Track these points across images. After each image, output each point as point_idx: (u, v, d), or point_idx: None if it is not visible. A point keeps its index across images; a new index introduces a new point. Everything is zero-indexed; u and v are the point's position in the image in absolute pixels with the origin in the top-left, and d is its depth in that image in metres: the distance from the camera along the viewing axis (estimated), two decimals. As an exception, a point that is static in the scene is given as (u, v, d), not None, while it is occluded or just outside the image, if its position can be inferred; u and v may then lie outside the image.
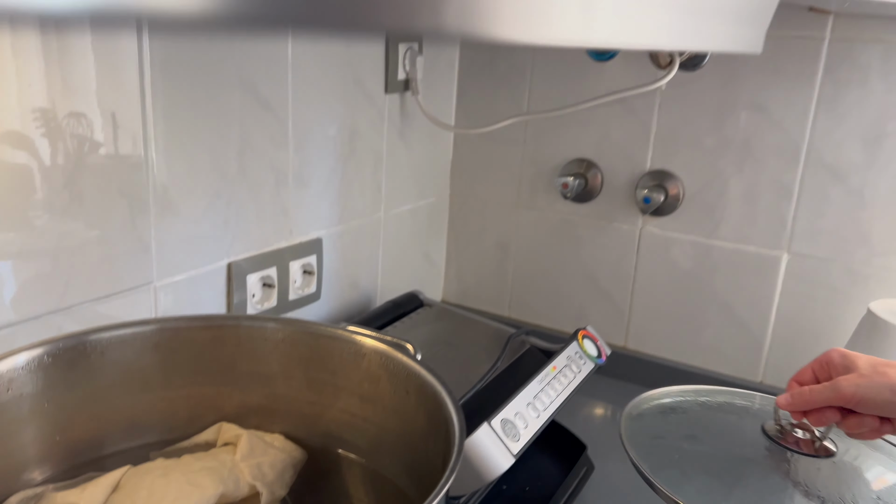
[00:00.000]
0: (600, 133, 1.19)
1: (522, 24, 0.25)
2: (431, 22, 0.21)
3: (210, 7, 0.15)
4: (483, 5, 0.22)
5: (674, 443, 0.68)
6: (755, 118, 1.07)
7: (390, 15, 0.19)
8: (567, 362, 0.90)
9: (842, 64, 1.00)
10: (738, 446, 0.67)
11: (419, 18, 0.20)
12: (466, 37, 0.23)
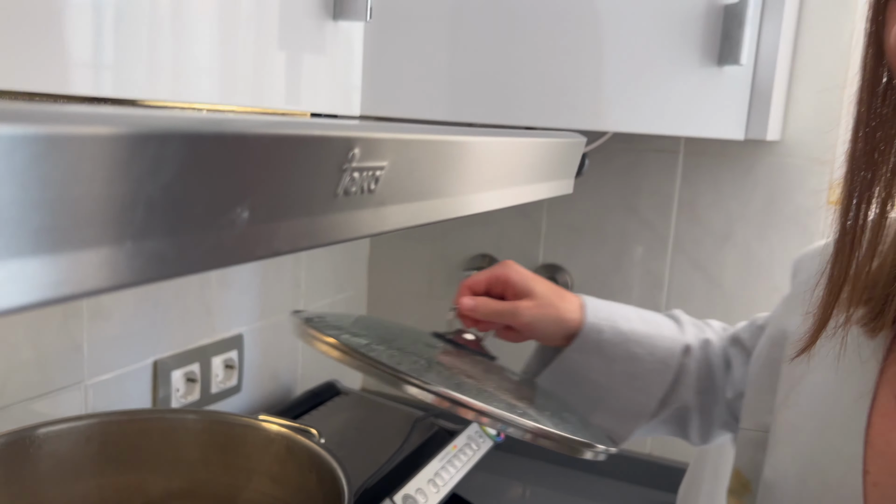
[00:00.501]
0: (498, 231, 1.33)
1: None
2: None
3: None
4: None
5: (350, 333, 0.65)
6: (629, 218, 1.24)
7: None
8: (468, 441, 1.01)
9: (695, 173, 1.18)
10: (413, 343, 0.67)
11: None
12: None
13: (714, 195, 1.17)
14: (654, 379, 0.69)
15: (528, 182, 0.48)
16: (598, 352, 0.68)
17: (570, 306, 0.68)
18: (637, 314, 0.71)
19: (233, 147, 0.22)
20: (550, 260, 1.30)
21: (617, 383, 0.69)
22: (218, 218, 0.23)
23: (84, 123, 0.18)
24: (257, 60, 0.54)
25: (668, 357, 0.69)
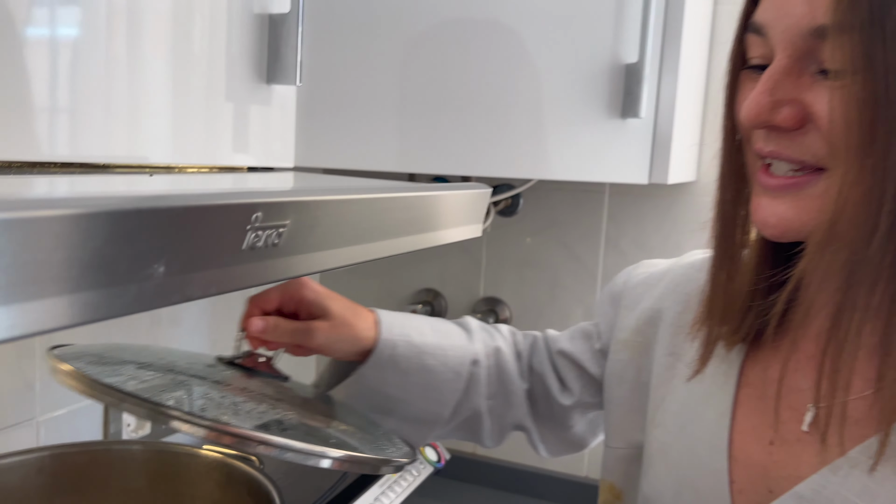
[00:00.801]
0: (442, 267, 1.40)
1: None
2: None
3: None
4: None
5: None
6: (561, 253, 1.32)
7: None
8: (408, 467, 1.06)
9: (620, 211, 1.27)
10: (191, 371, 0.63)
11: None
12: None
13: (637, 232, 1.26)
14: (447, 388, 0.70)
15: (431, 229, 0.55)
16: (392, 366, 0.68)
17: (364, 324, 0.68)
18: (430, 326, 0.72)
19: (149, 218, 0.29)
20: (490, 293, 1.37)
21: (412, 395, 0.70)
22: (139, 272, 0.29)
23: (31, 209, 0.25)
24: (202, 123, 0.61)
25: (459, 366, 0.71)
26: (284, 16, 0.65)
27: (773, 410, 0.52)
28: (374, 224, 0.47)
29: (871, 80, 0.41)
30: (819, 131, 0.44)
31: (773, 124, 0.46)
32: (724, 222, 0.54)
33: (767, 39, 0.47)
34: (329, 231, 0.41)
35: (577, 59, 0.84)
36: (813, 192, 0.46)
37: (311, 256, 0.41)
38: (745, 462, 0.53)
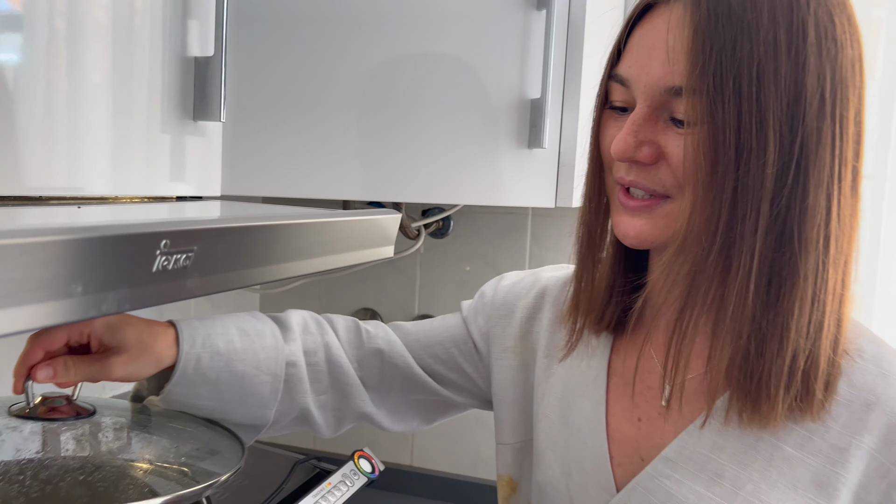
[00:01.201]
0: (378, 286, 1.47)
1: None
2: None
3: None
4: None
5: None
6: (490, 271, 1.39)
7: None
8: (342, 479, 1.11)
9: (542, 231, 1.36)
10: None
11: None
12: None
13: (557, 251, 1.35)
14: (264, 391, 0.69)
15: (339, 252, 0.62)
16: (201, 379, 0.66)
17: (164, 343, 0.65)
18: (238, 329, 0.70)
19: (70, 246, 0.35)
20: (425, 311, 1.44)
21: (229, 402, 0.69)
22: (60, 290, 0.36)
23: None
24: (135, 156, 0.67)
25: (274, 368, 0.70)
26: (209, 58, 0.71)
27: (636, 392, 0.63)
28: (281, 247, 0.53)
29: (713, 130, 0.52)
30: (670, 167, 0.55)
31: (635, 160, 0.56)
32: (589, 232, 0.65)
33: (629, 89, 0.57)
34: (235, 254, 0.48)
35: (488, 95, 0.92)
36: (660, 213, 0.57)
37: (219, 277, 0.47)
38: (620, 439, 0.63)
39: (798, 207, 0.52)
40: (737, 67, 0.51)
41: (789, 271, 0.53)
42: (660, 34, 0.55)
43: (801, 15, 0.52)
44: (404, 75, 0.91)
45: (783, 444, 0.56)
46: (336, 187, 0.92)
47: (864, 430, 0.56)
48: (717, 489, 0.57)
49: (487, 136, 0.93)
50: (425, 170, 0.93)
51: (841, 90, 0.53)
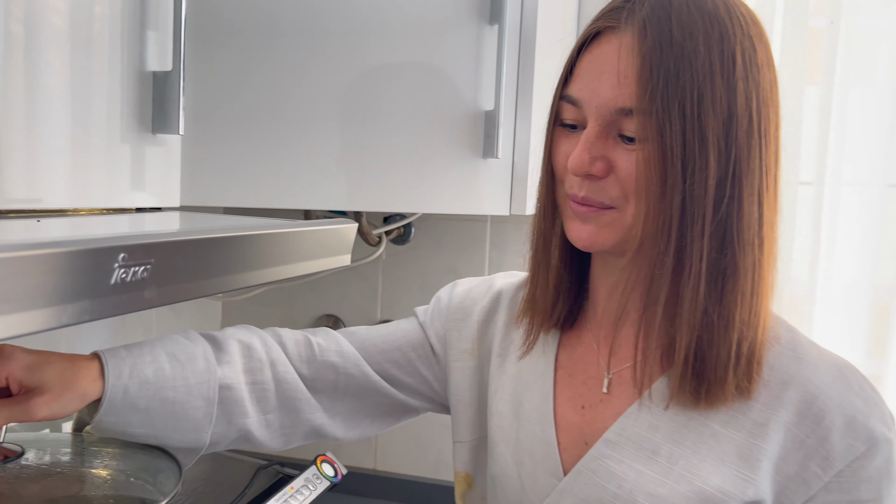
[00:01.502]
0: (340, 293, 1.48)
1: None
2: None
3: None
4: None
5: None
6: (450, 277, 1.42)
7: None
8: (304, 483, 1.13)
9: (501, 238, 1.39)
10: None
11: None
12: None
13: (516, 255, 1.38)
14: (197, 416, 0.69)
15: (297, 261, 0.64)
16: (131, 409, 0.66)
17: (88, 379, 0.64)
18: (168, 355, 0.69)
19: (30, 262, 0.37)
20: (387, 316, 1.46)
21: (162, 429, 0.68)
22: (21, 304, 0.37)
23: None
24: (94, 169, 0.69)
25: (208, 392, 0.69)
26: (167, 73, 0.73)
27: (580, 382, 0.69)
28: (237, 258, 0.55)
29: (661, 147, 0.58)
30: (618, 180, 0.61)
31: (589, 174, 0.61)
32: (543, 238, 0.70)
33: (581, 109, 0.62)
34: (192, 265, 0.50)
35: (445, 107, 0.95)
36: (605, 220, 0.62)
37: (177, 288, 0.49)
38: (566, 426, 0.68)
39: (736, 213, 0.59)
40: (680, 91, 0.57)
41: (732, 269, 0.59)
42: (609, 60, 0.60)
43: (731, 44, 0.58)
44: (362, 88, 0.93)
45: (711, 422, 0.62)
46: (296, 197, 0.94)
47: (781, 406, 0.61)
48: (654, 465, 0.62)
49: (444, 147, 0.95)
50: (384, 179, 0.95)
51: (763, 109, 0.60)
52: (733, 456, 0.61)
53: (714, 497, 0.60)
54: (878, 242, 1.21)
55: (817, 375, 0.62)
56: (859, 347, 1.23)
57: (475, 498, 0.77)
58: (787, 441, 0.61)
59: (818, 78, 1.22)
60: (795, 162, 1.22)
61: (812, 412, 0.61)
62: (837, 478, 0.60)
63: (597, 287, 0.70)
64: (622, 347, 0.67)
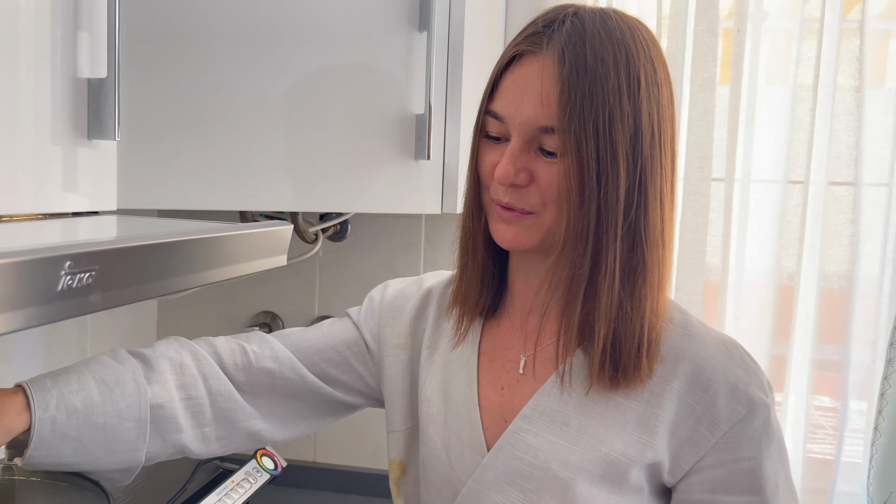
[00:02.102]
0: (277, 290, 1.51)
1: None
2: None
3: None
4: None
5: None
6: (387, 273, 1.46)
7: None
8: (245, 476, 1.16)
9: (435, 234, 1.44)
10: None
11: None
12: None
13: (450, 252, 1.43)
14: (130, 437, 0.70)
15: (235, 263, 0.67)
16: (62, 440, 0.66)
17: (12, 413, 0.64)
18: (97, 380, 0.69)
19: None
20: (325, 312, 1.49)
21: (95, 455, 0.69)
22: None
23: None
24: (29, 175, 0.70)
25: (138, 413, 0.71)
26: (102, 80, 0.74)
27: (499, 366, 0.76)
28: (178, 262, 0.58)
29: (579, 161, 0.65)
30: (538, 189, 0.67)
31: (513, 183, 0.68)
32: (471, 236, 0.76)
33: (505, 124, 0.69)
34: (135, 270, 0.52)
35: (377, 111, 0.99)
36: (526, 224, 0.69)
37: (121, 291, 0.52)
38: (488, 406, 0.75)
39: (643, 217, 0.67)
40: (594, 111, 0.64)
41: (642, 266, 0.67)
42: (532, 82, 0.66)
43: (636, 67, 0.66)
44: (298, 92, 0.96)
45: (614, 394, 0.70)
46: (232, 198, 0.97)
47: (674, 378, 0.69)
48: (565, 436, 0.70)
49: (378, 149, 0.99)
50: (320, 180, 0.99)
51: (662, 123, 0.67)
52: (634, 424, 0.69)
53: (618, 461, 0.68)
54: (781, 233, 1.30)
55: (705, 350, 0.70)
56: (766, 329, 1.32)
57: (408, 483, 0.82)
58: (680, 408, 0.69)
59: (728, 78, 1.30)
60: (708, 161, 1.30)
61: (700, 382, 0.69)
62: (723, 439, 0.68)
63: (515, 280, 0.77)
64: (536, 333, 0.74)
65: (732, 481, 0.69)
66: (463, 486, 0.73)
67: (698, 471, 0.69)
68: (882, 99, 1.27)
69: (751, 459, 0.68)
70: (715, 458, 0.69)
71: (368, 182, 1.00)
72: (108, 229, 0.69)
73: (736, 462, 0.68)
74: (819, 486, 1.35)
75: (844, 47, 1.26)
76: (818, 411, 1.37)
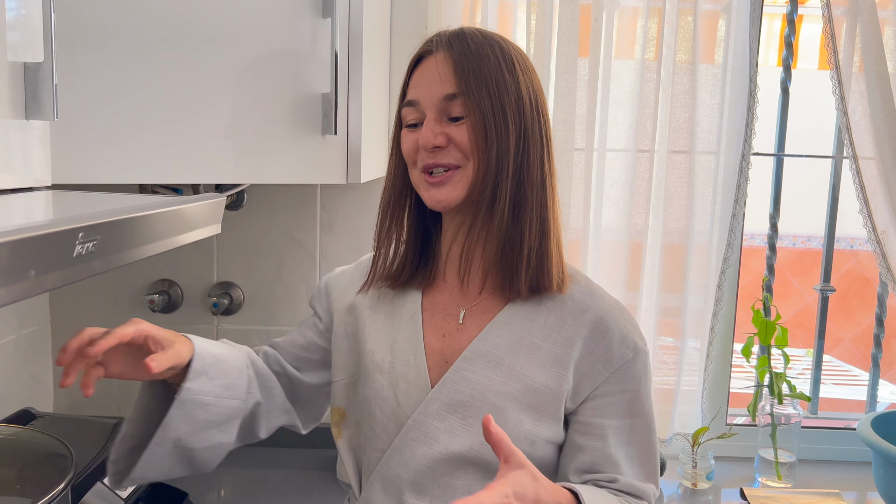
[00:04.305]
0: (176, 258, 1.55)
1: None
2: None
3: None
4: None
5: None
6: (284, 239, 1.55)
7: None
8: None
9: (331, 201, 1.54)
10: None
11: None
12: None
13: (345, 216, 1.54)
14: (240, 384, 0.91)
15: (185, 231, 0.76)
16: (204, 376, 0.86)
17: (184, 344, 0.85)
18: (214, 342, 0.91)
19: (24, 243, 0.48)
20: (224, 278, 1.56)
21: (220, 397, 0.88)
22: (18, 276, 0.48)
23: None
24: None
25: (242, 367, 0.92)
26: (39, 64, 0.79)
27: (441, 318, 0.91)
28: (151, 232, 0.67)
29: (480, 119, 0.82)
30: (457, 147, 0.84)
31: (435, 145, 0.83)
32: (395, 216, 0.91)
33: (418, 107, 0.85)
34: (123, 240, 0.61)
35: (287, 90, 1.07)
36: (455, 179, 0.85)
37: (114, 256, 0.60)
38: (431, 352, 0.90)
39: (527, 163, 0.85)
40: (484, 79, 0.83)
41: (524, 202, 0.85)
42: (432, 69, 0.85)
43: (508, 53, 0.86)
44: (213, 76, 1.03)
45: (535, 338, 0.87)
46: (149, 172, 1.03)
47: (582, 326, 0.88)
48: (499, 372, 0.86)
49: (286, 125, 1.08)
50: (235, 155, 1.07)
51: (538, 98, 0.87)
52: (552, 362, 0.86)
53: (541, 390, 0.85)
54: (632, 196, 1.52)
55: (605, 305, 0.89)
56: (621, 281, 1.55)
57: (350, 425, 0.96)
58: (584, 349, 0.87)
59: (587, 52, 1.48)
60: (571, 133, 1.49)
61: (600, 329, 0.87)
62: (614, 374, 0.87)
63: (444, 247, 0.93)
64: (470, 289, 0.91)
65: (616, 408, 0.87)
66: (408, 418, 0.87)
67: (592, 398, 0.87)
68: (711, 79, 1.50)
69: (632, 391, 0.88)
70: (606, 389, 0.87)
71: (281, 156, 1.09)
72: (36, 205, 0.75)
73: (621, 392, 0.87)
74: (664, 409, 1.61)
75: (681, 26, 1.47)
76: (662, 350, 1.61)
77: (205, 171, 1.06)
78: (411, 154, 0.87)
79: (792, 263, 3.70)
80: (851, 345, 3.67)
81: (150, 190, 1.40)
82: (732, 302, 1.62)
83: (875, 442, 1.35)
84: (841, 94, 1.49)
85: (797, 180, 2.20)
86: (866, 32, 1.45)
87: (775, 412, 1.53)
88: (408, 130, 0.88)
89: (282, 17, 1.06)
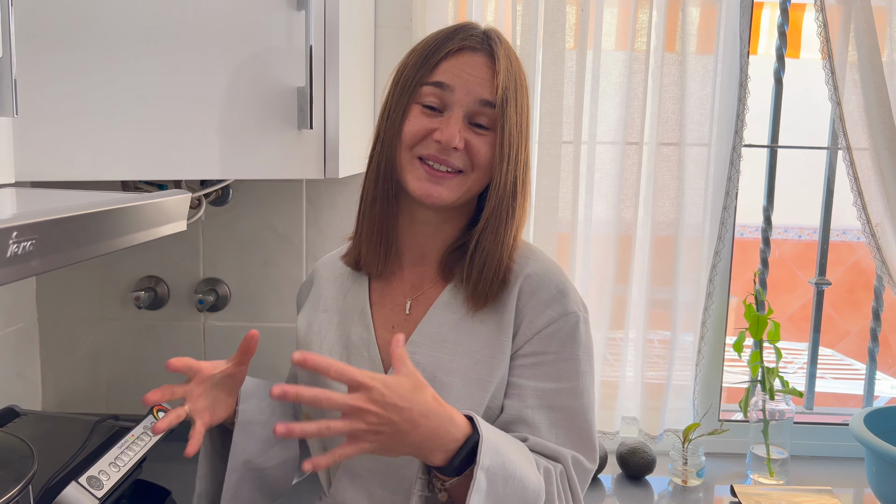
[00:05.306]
0: (162, 255, 1.55)
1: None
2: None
3: None
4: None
5: None
6: (270, 234, 1.54)
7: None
8: (143, 430, 1.22)
9: (317, 196, 1.53)
10: None
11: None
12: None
13: (331, 212, 1.53)
14: (282, 408, 0.99)
15: (146, 228, 0.75)
16: (256, 395, 0.95)
17: (229, 403, 0.93)
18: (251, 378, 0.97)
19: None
20: (210, 275, 1.55)
21: (275, 415, 0.95)
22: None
23: None
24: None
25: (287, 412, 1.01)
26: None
27: (389, 310, 0.93)
28: (102, 229, 0.66)
29: (505, 137, 0.85)
30: (469, 154, 0.85)
31: (454, 146, 0.84)
32: (381, 196, 0.91)
33: (450, 95, 0.85)
34: (67, 238, 0.60)
35: (262, 84, 1.06)
36: (454, 183, 0.87)
37: (57, 255, 0.59)
38: (384, 345, 0.91)
39: (521, 185, 0.88)
40: (517, 101, 0.86)
41: (506, 221, 0.87)
42: (476, 66, 0.85)
43: (522, 76, 0.89)
44: (188, 70, 1.02)
45: (478, 312, 0.88)
46: (121, 169, 1.02)
47: (515, 288, 0.88)
48: (445, 349, 0.87)
49: (262, 120, 1.07)
50: (210, 150, 1.05)
51: (528, 115, 0.90)
52: (494, 331, 0.87)
53: (486, 360, 0.86)
54: (621, 189, 1.50)
55: (538, 266, 0.89)
56: (609, 274, 1.53)
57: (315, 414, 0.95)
58: (516, 311, 0.88)
59: (574, 43, 1.46)
60: (559, 126, 1.47)
61: (530, 289, 0.88)
62: (538, 335, 0.86)
63: (402, 238, 0.93)
64: (418, 280, 0.93)
65: (538, 369, 0.86)
66: None
67: (517, 357, 0.87)
68: (701, 70, 1.48)
69: (556, 354, 0.86)
70: (529, 349, 0.87)
71: (256, 151, 1.08)
72: (28, 201, 0.74)
73: (543, 354, 0.86)
74: (655, 404, 1.59)
75: (670, 16, 1.45)
76: (652, 344, 1.59)
77: (181, 166, 1.05)
78: (416, 136, 0.86)
79: (798, 255, 3.66)
80: (858, 338, 3.63)
81: (133, 186, 1.39)
82: (724, 296, 1.60)
83: (867, 438, 1.32)
84: (834, 83, 1.46)
85: (803, 171, 2.17)
86: (860, 21, 1.42)
87: (768, 408, 1.51)
88: (421, 111, 0.86)
89: (256, 10, 1.05)
